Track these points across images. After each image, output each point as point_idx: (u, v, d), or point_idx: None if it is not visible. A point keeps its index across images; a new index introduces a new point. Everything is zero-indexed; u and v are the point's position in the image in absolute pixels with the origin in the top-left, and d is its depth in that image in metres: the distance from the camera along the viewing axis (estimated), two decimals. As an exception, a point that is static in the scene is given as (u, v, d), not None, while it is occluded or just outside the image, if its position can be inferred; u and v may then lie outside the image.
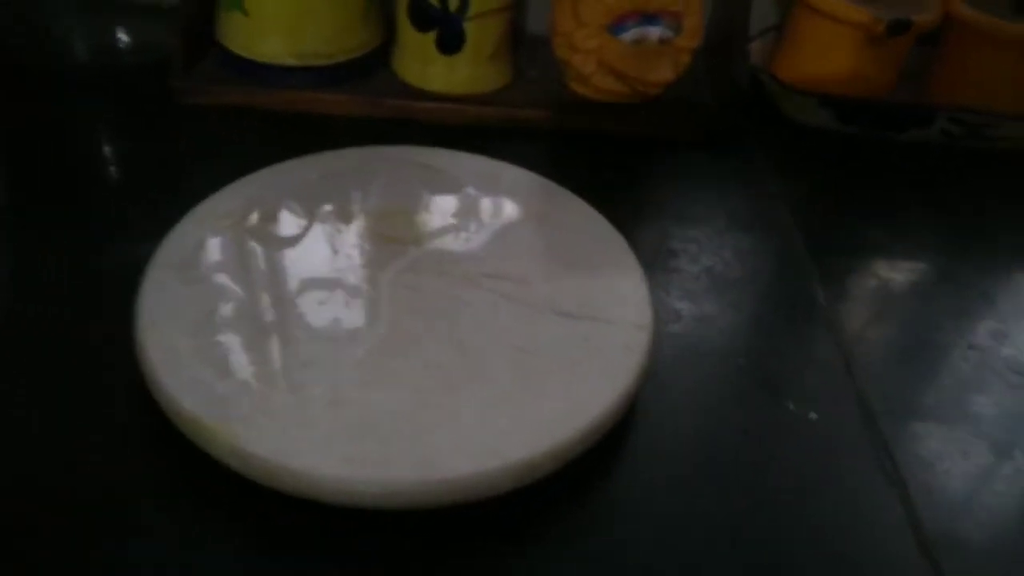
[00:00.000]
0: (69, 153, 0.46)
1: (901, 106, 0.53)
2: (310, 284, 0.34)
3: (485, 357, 0.31)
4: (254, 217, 0.37)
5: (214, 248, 0.35)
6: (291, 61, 0.49)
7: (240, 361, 0.30)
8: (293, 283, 0.34)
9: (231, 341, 0.31)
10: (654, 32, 0.46)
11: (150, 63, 0.51)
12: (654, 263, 0.41)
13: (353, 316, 0.33)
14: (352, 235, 0.37)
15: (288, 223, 0.37)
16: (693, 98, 0.52)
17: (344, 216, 0.38)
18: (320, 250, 0.36)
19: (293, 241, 0.36)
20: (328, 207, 0.38)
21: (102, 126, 0.48)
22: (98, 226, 0.41)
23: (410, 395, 0.30)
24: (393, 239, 0.36)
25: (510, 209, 0.39)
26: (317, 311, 0.33)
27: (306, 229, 0.37)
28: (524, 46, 0.54)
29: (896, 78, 0.54)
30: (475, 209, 0.39)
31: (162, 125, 0.49)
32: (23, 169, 0.44)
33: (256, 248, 0.35)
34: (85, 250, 0.39)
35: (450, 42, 0.48)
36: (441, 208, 0.39)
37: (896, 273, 0.44)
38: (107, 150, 0.47)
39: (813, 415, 0.35)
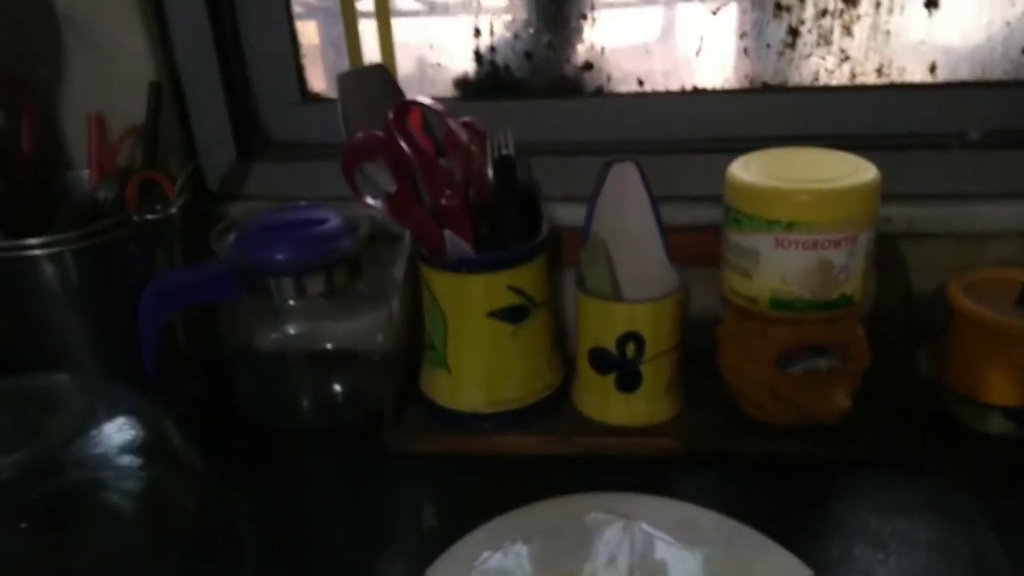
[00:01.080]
0: (313, 508, 0.53)
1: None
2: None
3: None
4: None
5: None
6: (487, 409, 0.55)
7: None
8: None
9: None
10: (823, 363, 0.50)
11: (363, 416, 0.59)
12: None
13: None
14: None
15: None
16: (866, 413, 0.54)
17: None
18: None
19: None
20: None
21: (338, 481, 0.55)
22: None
23: None
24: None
25: (714, 561, 0.41)
26: None
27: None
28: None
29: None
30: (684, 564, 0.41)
31: (385, 473, 0.55)
32: (271, 531, 0.50)
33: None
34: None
35: (628, 382, 0.53)
36: (644, 560, 0.41)
37: None
38: (341, 506, 0.53)
39: None
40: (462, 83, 0.67)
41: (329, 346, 0.62)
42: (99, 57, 0.61)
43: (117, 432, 0.43)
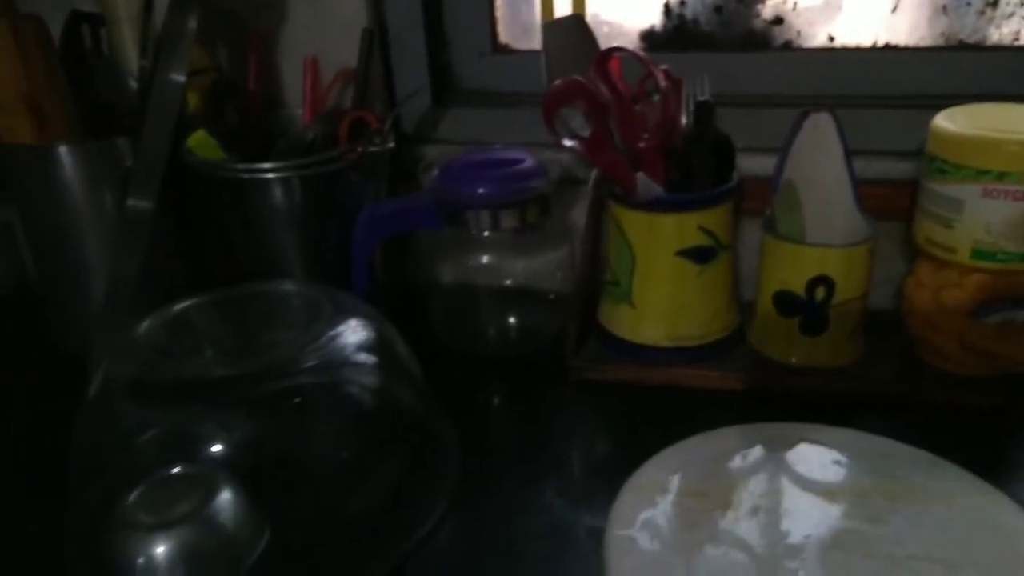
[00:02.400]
0: (505, 424, 0.57)
1: None
2: (742, 551, 0.39)
3: (935, 643, 0.34)
4: (681, 490, 0.43)
5: (656, 519, 0.41)
6: (667, 343, 0.58)
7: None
8: (724, 552, 0.39)
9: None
10: (1021, 315, 0.50)
11: (533, 350, 0.63)
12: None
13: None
14: (769, 511, 0.42)
15: (714, 496, 0.43)
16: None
17: (761, 495, 0.43)
18: (747, 525, 0.41)
19: (727, 512, 0.42)
20: (743, 485, 0.43)
21: (521, 405, 0.59)
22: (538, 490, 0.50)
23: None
24: (809, 519, 0.41)
25: (912, 488, 0.43)
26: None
27: (727, 503, 0.42)
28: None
29: None
30: (875, 488, 0.43)
31: (566, 397, 0.58)
32: (476, 441, 0.54)
33: (696, 518, 0.41)
34: (542, 510, 0.48)
35: (814, 326, 0.55)
36: (842, 486, 0.43)
37: None
38: (528, 423, 0.57)
39: None
40: (648, 36, 0.69)
41: (509, 283, 0.67)
42: (319, 4, 0.66)
43: (352, 333, 0.48)
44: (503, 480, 0.50)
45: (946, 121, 0.50)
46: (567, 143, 0.56)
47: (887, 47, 0.64)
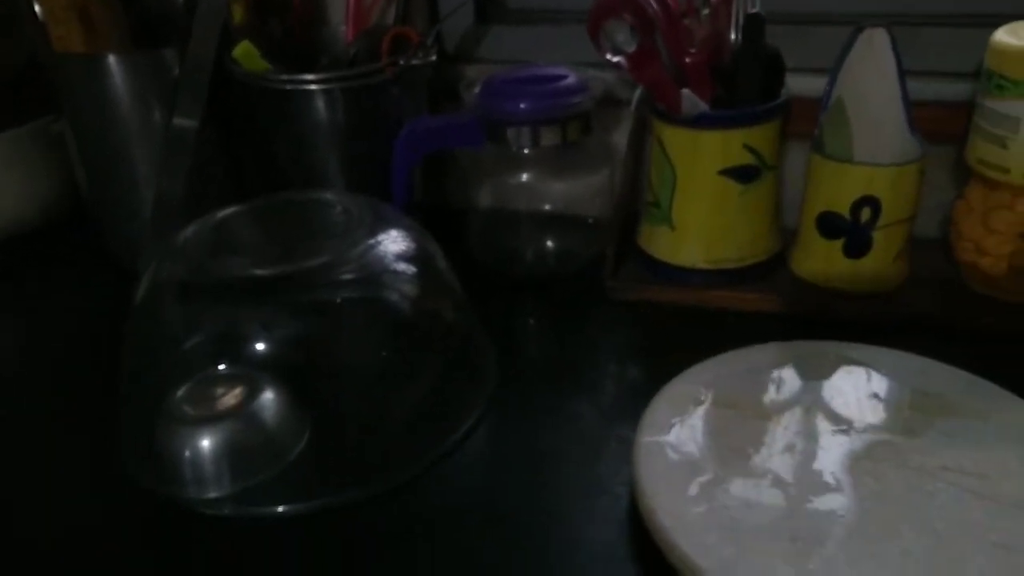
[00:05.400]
0: (540, 340, 0.58)
1: None
2: (780, 460, 0.39)
3: (963, 550, 0.34)
4: (714, 400, 0.44)
5: (688, 426, 0.42)
6: (706, 266, 0.58)
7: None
8: (764, 462, 0.39)
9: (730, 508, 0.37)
10: (1075, 239, 0.48)
11: (571, 273, 0.64)
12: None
13: (821, 496, 0.37)
14: (798, 424, 0.42)
15: (746, 408, 0.43)
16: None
17: (794, 406, 0.43)
18: (779, 437, 0.41)
19: (757, 422, 0.42)
20: (777, 398, 0.44)
21: (560, 321, 0.60)
22: (572, 401, 0.50)
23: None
24: (841, 430, 0.41)
25: (947, 405, 0.42)
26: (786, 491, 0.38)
27: (762, 414, 0.43)
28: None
29: None
30: (910, 403, 0.43)
31: (602, 316, 0.59)
32: (512, 356, 0.55)
33: (727, 427, 0.42)
34: (574, 419, 0.49)
35: (857, 249, 0.54)
36: (876, 400, 0.43)
37: None
38: (563, 340, 0.58)
39: None
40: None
41: (548, 207, 0.66)
42: (361, -83, 0.66)
43: (393, 242, 0.49)
44: (537, 391, 0.51)
45: (1007, 35, 0.48)
46: (612, 58, 0.55)
47: (949, -38, 0.61)
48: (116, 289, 0.63)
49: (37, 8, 0.59)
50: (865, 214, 0.52)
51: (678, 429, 0.42)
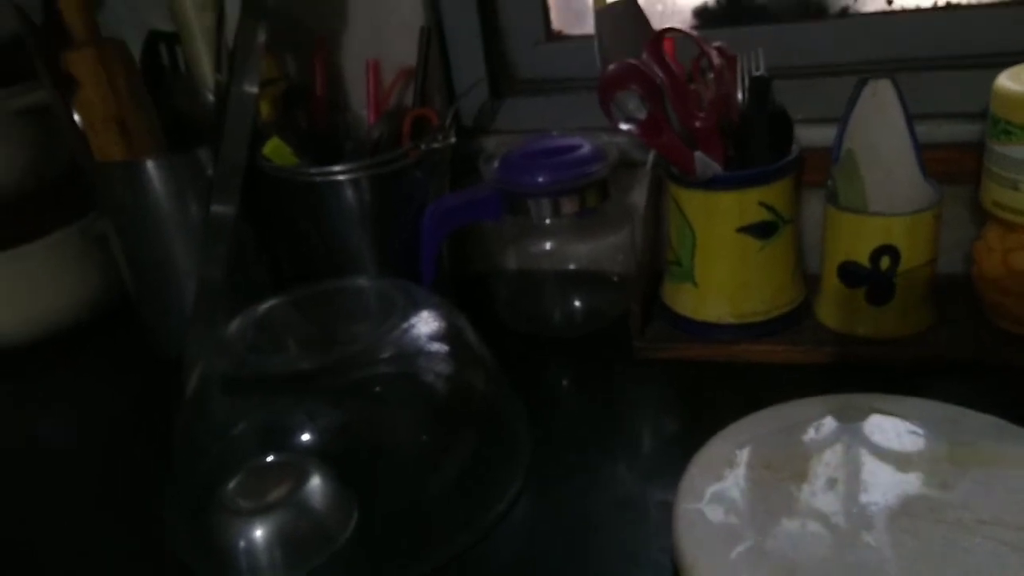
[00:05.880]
0: (572, 402, 0.59)
1: None
2: (818, 521, 0.40)
3: (1005, 606, 0.34)
4: (749, 462, 0.44)
5: (726, 491, 0.43)
6: (731, 320, 0.59)
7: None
8: (801, 523, 0.40)
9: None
10: (1096, 276, 0.49)
11: (601, 328, 0.65)
12: None
13: (861, 557, 0.38)
14: (833, 486, 0.42)
15: (785, 468, 0.44)
16: None
17: (828, 465, 0.43)
18: (824, 498, 0.42)
19: (803, 485, 0.42)
20: (811, 458, 0.44)
21: (590, 380, 0.61)
22: (608, 465, 0.51)
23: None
24: (876, 488, 0.41)
25: (981, 453, 0.43)
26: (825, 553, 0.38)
27: (801, 474, 0.43)
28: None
29: None
30: (945, 455, 0.43)
31: (632, 375, 0.60)
32: (545, 420, 0.56)
33: (767, 490, 0.42)
34: (613, 485, 0.49)
35: (880, 296, 0.55)
36: (910, 455, 0.43)
37: None
38: (595, 399, 0.59)
39: None
40: (702, 12, 0.69)
41: (573, 266, 0.68)
42: (378, 6, 0.69)
43: (424, 324, 0.51)
44: (572, 456, 0.52)
45: (1009, 81, 0.49)
46: (624, 127, 0.57)
47: (948, 6, 0.63)
48: (160, 378, 0.66)
49: (77, 118, 0.63)
50: (885, 262, 0.53)
51: (715, 495, 0.42)
